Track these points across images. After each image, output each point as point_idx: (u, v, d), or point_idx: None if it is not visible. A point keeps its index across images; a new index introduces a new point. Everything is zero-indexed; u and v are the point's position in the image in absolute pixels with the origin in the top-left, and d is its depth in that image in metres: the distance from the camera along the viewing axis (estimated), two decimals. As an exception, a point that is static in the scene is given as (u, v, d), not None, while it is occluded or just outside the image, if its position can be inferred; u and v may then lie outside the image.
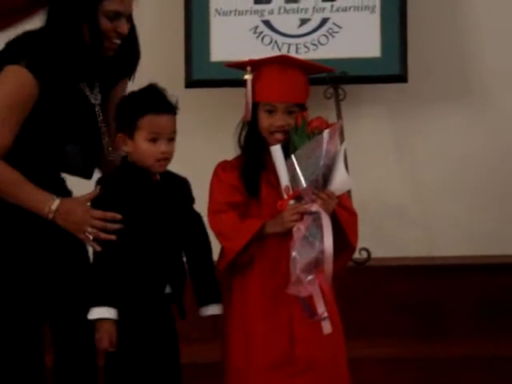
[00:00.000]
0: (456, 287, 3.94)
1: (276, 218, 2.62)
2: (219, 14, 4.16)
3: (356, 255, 3.37)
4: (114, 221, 2.57)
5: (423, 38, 4.28)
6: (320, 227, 2.56)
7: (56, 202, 2.57)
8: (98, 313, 2.53)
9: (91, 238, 2.58)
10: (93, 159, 2.76)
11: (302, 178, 2.56)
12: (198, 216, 2.76)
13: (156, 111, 2.63)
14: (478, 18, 4.37)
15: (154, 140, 2.63)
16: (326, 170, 2.59)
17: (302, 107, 2.70)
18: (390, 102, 4.39)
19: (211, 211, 2.70)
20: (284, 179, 2.60)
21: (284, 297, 2.61)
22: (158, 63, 4.30)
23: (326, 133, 2.59)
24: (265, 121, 2.67)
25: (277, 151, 2.60)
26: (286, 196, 2.60)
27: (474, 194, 4.36)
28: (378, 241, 4.16)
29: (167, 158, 2.65)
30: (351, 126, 4.17)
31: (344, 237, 2.66)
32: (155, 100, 2.66)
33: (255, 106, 2.68)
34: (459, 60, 4.39)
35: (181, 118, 4.27)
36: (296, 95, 2.68)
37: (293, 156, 2.58)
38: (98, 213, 2.57)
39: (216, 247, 2.76)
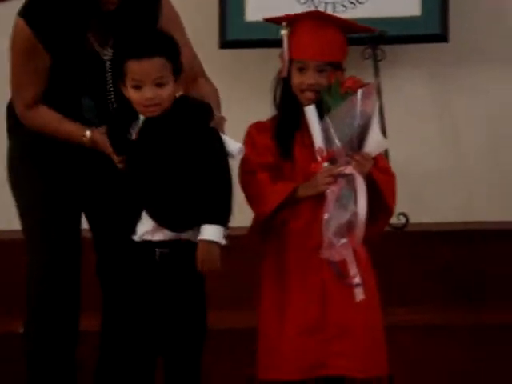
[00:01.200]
0: (496, 253, 3.86)
1: (309, 181, 2.59)
2: (254, -28, 4.07)
3: (394, 220, 3.31)
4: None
5: (465, -3, 4.19)
6: (354, 190, 2.53)
7: (88, 131, 2.73)
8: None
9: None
10: (107, 113, 2.81)
11: (336, 140, 2.53)
12: (205, 142, 2.57)
13: (136, 56, 2.55)
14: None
15: (138, 87, 2.57)
16: (360, 131, 2.55)
17: (337, 66, 2.64)
18: (430, 63, 4.30)
19: (242, 171, 2.66)
20: (318, 140, 2.56)
21: (317, 261, 2.57)
22: (190, 23, 4.19)
23: (359, 93, 2.54)
24: (296, 78, 2.63)
25: (310, 111, 2.56)
26: (319, 158, 2.56)
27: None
28: (417, 205, 4.10)
29: (156, 104, 2.57)
30: (390, 88, 4.11)
31: (381, 199, 2.62)
32: (135, 44, 2.58)
33: (289, 63, 2.64)
34: (503, 18, 4.28)
35: (214, 80, 4.31)
36: (328, 53, 2.63)
37: (326, 117, 2.54)
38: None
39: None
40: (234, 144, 2.60)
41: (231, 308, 3.57)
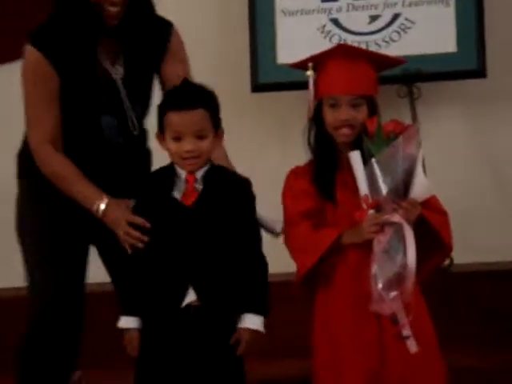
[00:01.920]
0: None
1: (355, 229, 2.49)
2: (285, 14, 4.06)
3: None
4: (142, 230, 2.59)
5: (502, 30, 4.12)
6: (402, 239, 2.43)
7: (103, 203, 2.70)
8: (123, 322, 2.58)
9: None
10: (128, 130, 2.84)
11: (381, 186, 2.44)
12: (247, 222, 2.60)
13: (176, 108, 2.54)
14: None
15: (177, 138, 2.55)
16: (405, 177, 2.45)
17: (370, 100, 2.57)
18: (467, 100, 4.24)
19: (286, 223, 2.60)
20: (363, 187, 2.47)
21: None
22: (222, 67, 4.28)
23: (402, 137, 2.46)
24: (329, 116, 2.56)
25: (355, 157, 2.47)
26: (364, 206, 2.47)
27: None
28: (460, 245, 3.97)
29: (195, 157, 2.55)
30: (427, 126, 4.00)
31: (436, 238, 2.53)
32: (176, 96, 2.58)
33: (321, 104, 2.58)
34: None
35: (247, 123, 4.28)
36: (360, 86, 2.55)
37: (371, 163, 2.45)
38: (130, 217, 2.63)
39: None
40: (274, 222, 2.61)
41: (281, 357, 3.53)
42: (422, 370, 2.50)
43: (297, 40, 4.00)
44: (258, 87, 4.05)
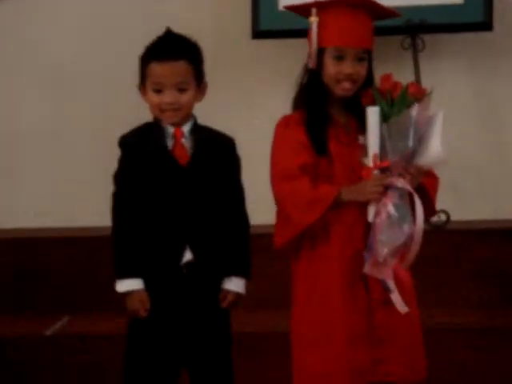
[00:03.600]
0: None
1: (357, 186, 2.44)
2: (288, -42, 3.97)
3: (434, 218, 3.20)
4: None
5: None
6: (407, 207, 2.40)
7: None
8: (127, 285, 2.55)
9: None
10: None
11: (393, 149, 2.39)
12: (233, 182, 2.64)
13: (158, 58, 2.53)
14: None
15: (158, 90, 2.54)
16: (418, 143, 2.41)
17: (370, 54, 2.51)
18: (472, 53, 4.20)
19: (277, 176, 2.49)
20: (374, 145, 2.41)
21: (361, 265, 2.44)
22: (222, 13, 4.22)
23: (420, 104, 2.40)
24: (332, 68, 2.47)
25: (374, 114, 2.40)
26: (372, 164, 2.42)
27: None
28: (457, 202, 3.99)
29: (175, 109, 2.54)
30: (430, 79, 3.95)
31: (427, 202, 2.49)
32: (158, 47, 2.56)
33: (320, 52, 2.48)
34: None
35: (247, 70, 4.22)
36: (366, 40, 2.49)
37: (385, 125, 2.40)
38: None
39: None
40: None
41: (261, 309, 3.53)
42: (405, 321, 2.49)
43: (300, -14, 3.94)
44: (258, 34, 3.97)
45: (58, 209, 4.22)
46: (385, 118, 2.41)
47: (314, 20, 2.47)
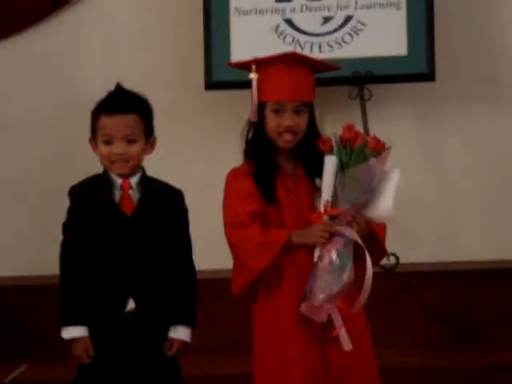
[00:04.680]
0: (487, 293, 3.85)
1: (305, 229, 2.52)
2: (239, 12, 4.08)
3: (384, 261, 3.26)
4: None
5: (451, 35, 4.19)
6: (350, 256, 2.47)
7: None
8: (72, 332, 2.60)
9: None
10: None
11: (345, 199, 2.46)
12: (180, 233, 2.70)
13: (107, 112, 2.61)
14: (508, 15, 4.27)
15: (108, 142, 2.61)
16: (369, 196, 2.48)
17: (310, 106, 2.60)
18: (417, 102, 4.30)
19: (230, 225, 2.56)
20: (327, 192, 2.48)
21: None
22: (177, 65, 4.27)
23: (379, 158, 2.49)
24: (272, 121, 2.56)
25: (331, 162, 2.48)
26: (322, 209, 2.49)
27: (504, 196, 4.26)
28: (407, 245, 4.05)
29: (124, 160, 2.61)
30: (377, 127, 4.04)
31: (377, 245, 2.57)
32: (107, 101, 2.65)
33: (262, 106, 2.57)
34: (488, 58, 4.28)
35: (201, 120, 4.26)
36: (305, 93, 2.57)
37: (341, 174, 2.47)
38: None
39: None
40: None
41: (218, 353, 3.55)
42: (359, 361, 2.55)
43: (251, 39, 4.02)
44: (211, 85, 4.05)
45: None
46: (342, 167, 2.47)
47: (253, 76, 2.55)
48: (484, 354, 3.68)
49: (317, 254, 2.49)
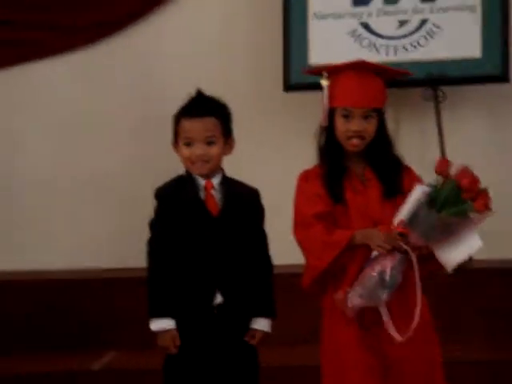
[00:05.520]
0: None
1: (370, 232, 2.60)
2: (317, 17, 4.19)
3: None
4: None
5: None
6: (399, 277, 2.54)
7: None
8: (160, 324, 2.72)
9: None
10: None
11: (423, 234, 2.52)
12: (258, 231, 2.83)
13: (188, 115, 2.74)
14: None
15: (188, 144, 2.74)
16: (443, 241, 2.54)
17: (380, 112, 2.69)
18: (490, 104, 4.32)
19: (297, 224, 2.69)
20: (405, 214, 2.55)
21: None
22: (256, 67, 4.40)
23: (477, 217, 2.52)
24: (341, 126, 2.66)
25: (419, 191, 2.55)
26: (395, 224, 2.56)
27: None
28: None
29: (204, 161, 2.74)
30: (451, 129, 4.15)
31: (434, 264, 2.61)
32: (188, 105, 2.77)
33: (332, 112, 2.68)
34: None
35: (280, 121, 4.30)
36: (372, 100, 2.67)
37: (432, 212, 2.51)
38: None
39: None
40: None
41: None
42: (421, 361, 2.63)
43: (328, 42, 4.14)
44: (290, 87, 4.16)
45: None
46: (431, 201, 2.53)
47: (325, 83, 2.68)
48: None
49: (374, 254, 2.57)
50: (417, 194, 2.55)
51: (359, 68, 2.68)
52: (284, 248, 2.92)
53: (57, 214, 4.47)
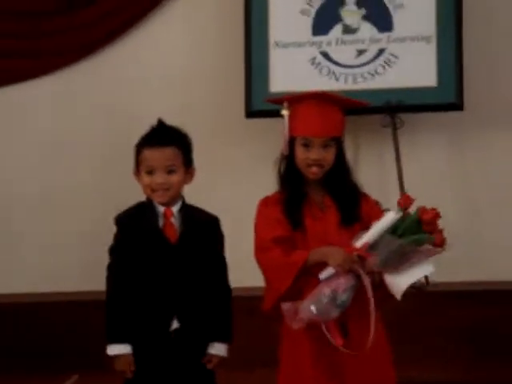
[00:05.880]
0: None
1: (328, 249, 2.63)
2: (278, 45, 4.27)
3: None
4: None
5: (479, 66, 4.32)
6: (351, 298, 2.57)
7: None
8: (116, 349, 2.77)
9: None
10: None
11: (381, 255, 2.58)
12: (217, 257, 2.86)
13: (149, 145, 2.79)
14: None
15: (150, 172, 2.79)
16: (398, 268, 2.59)
17: (338, 140, 2.75)
18: (446, 130, 4.41)
19: (257, 248, 2.74)
20: (370, 237, 2.61)
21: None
22: (219, 93, 4.45)
23: (428, 249, 2.60)
24: (301, 154, 2.72)
25: (390, 217, 2.62)
26: (357, 246, 2.61)
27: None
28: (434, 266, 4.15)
29: (165, 189, 2.79)
30: (408, 154, 4.23)
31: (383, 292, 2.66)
32: (150, 135, 2.83)
33: (293, 140, 2.73)
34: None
35: (242, 147, 4.34)
36: (331, 130, 2.73)
37: (394, 240, 2.58)
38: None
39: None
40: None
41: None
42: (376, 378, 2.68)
43: (289, 70, 4.22)
44: (251, 113, 4.24)
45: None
46: (394, 227, 2.60)
47: (285, 112, 2.73)
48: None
49: (328, 272, 2.60)
50: (387, 220, 2.61)
51: (319, 98, 2.73)
52: (246, 272, 2.98)
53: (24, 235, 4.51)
